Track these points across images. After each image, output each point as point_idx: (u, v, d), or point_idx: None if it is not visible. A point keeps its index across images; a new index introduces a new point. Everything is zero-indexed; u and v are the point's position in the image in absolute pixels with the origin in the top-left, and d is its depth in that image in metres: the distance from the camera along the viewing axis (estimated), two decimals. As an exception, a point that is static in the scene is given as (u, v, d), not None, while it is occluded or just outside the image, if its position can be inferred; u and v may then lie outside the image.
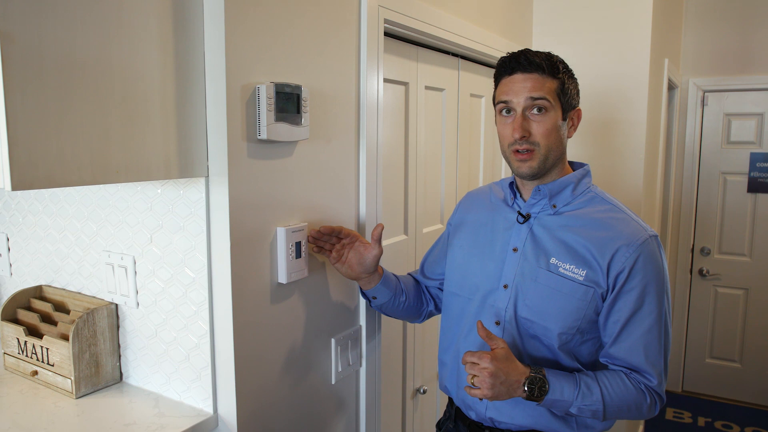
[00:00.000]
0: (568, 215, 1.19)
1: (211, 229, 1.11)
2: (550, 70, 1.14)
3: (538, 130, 1.13)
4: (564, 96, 1.15)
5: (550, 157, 1.16)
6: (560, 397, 1.09)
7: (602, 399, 1.10)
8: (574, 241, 1.15)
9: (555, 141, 1.15)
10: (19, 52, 0.79)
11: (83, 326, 1.24)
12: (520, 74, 1.14)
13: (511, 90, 1.15)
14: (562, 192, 1.20)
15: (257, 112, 1.10)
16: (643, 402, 1.14)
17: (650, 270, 1.12)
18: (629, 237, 1.12)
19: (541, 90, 1.12)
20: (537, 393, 1.08)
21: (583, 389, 1.10)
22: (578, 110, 1.21)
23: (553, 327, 1.15)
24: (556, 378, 1.10)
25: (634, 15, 2.36)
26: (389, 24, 1.50)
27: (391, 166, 1.70)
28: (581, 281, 1.13)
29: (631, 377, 1.14)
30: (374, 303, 1.39)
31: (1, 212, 1.54)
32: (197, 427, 1.13)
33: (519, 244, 1.21)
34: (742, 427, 3.40)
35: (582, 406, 1.10)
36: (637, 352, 1.13)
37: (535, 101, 1.13)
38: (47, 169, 0.84)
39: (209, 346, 1.15)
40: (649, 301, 1.12)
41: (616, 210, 1.18)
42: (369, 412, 1.54)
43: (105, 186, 1.27)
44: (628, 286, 1.12)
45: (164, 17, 1.00)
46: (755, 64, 3.43)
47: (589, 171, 1.25)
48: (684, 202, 3.74)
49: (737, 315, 3.68)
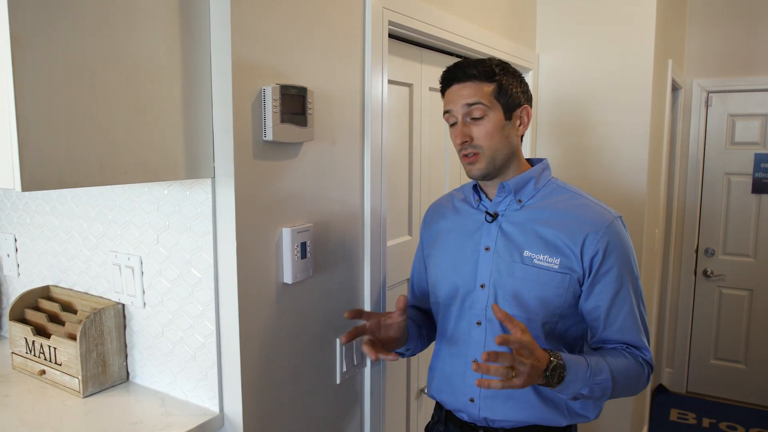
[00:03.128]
0: (533, 208, 1.22)
1: (218, 229, 1.12)
2: (484, 76, 1.18)
3: (478, 133, 1.18)
4: (504, 97, 1.19)
5: (497, 158, 1.20)
6: (575, 378, 1.08)
7: (611, 375, 1.12)
8: (545, 232, 1.18)
9: (499, 142, 1.19)
10: (29, 55, 0.80)
11: (90, 326, 1.25)
12: (456, 84, 1.20)
13: (450, 100, 1.21)
14: (526, 186, 1.23)
15: (263, 113, 1.11)
16: (642, 374, 1.18)
17: (621, 250, 1.18)
18: (597, 221, 1.17)
19: (476, 95, 1.17)
20: (556, 380, 1.07)
21: (593, 366, 1.11)
22: (525, 107, 1.23)
23: (536, 318, 1.17)
24: (570, 361, 1.09)
25: (637, 16, 2.36)
26: (393, 26, 1.51)
27: (395, 167, 1.71)
28: (557, 269, 1.16)
29: (629, 351, 1.18)
30: (407, 354, 1.40)
31: (9, 213, 1.55)
32: (203, 426, 1.14)
33: (490, 242, 1.23)
34: (747, 428, 3.39)
35: (594, 385, 1.10)
36: (629, 329, 1.18)
37: (471, 107, 1.18)
38: (57, 170, 0.85)
39: (215, 346, 1.16)
40: (626, 279, 1.18)
41: (578, 197, 1.23)
42: (374, 412, 1.55)
43: (112, 187, 1.29)
44: (605, 267, 1.16)
45: (172, 20, 1.01)
46: (759, 65, 3.42)
47: (548, 165, 1.29)
48: (688, 203, 3.73)
49: (742, 316, 3.67)
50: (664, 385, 3.93)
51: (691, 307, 3.81)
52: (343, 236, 1.40)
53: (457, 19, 1.82)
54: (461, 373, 1.26)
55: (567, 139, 2.55)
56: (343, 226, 1.39)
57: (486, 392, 1.23)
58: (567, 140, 2.55)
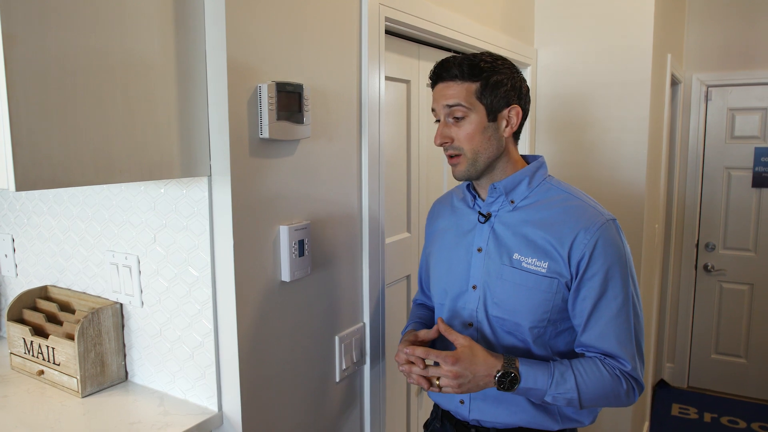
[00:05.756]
0: (526, 209, 1.19)
1: (215, 227, 1.11)
2: (468, 74, 1.14)
3: (458, 135, 1.16)
4: (488, 97, 1.15)
5: (479, 160, 1.17)
6: (533, 385, 1.10)
7: (576, 387, 1.10)
8: (534, 235, 1.16)
9: (480, 143, 1.16)
10: (21, 54, 0.80)
11: (88, 326, 1.24)
12: (441, 83, 1.18)
13: (435, 99, 1.19)
14: (518, 187, 1.20)
15: (259, 111, 1.10)
16: (619, 388, 1.12)
17: (610, 254, 1.12)
18: (586, 223, 1.13)
19: (456, 97, 1.14)
20: (508, 386, 1.09)
21: (557, 377, 1.10)
22: (514, 107, 1.17)
23: (524, 322, 1.16)
24: (529, 367, 1.10)
25: (636, 10, 2.35)
26: (390, 22, 1.50)
27: (393, 163, 1.70)
28: (544, 273, 1.14)
29: (606, 363, 1.13)
30: None
31: (6, 213, 1.55)
32: (202, 425, 1.14)
33: (483, 243, 1.22)
34: (749, 422, 3.39)
35: (556, 395, 1.10)
36: (607, 337, 1.13)
37: (451, 108, 1.16)
38: (51, 169, 0.85)
39: (213, 345, 1.15)
40: (613, 285, 1.12)
41: (572, 198, 1.19)
42: (373, 410, 1.54)
43: (108, 186, 1.28)
44: (590, 272, 1.12)
45: (166, 17, 1.00)
46: (759, 59, 3.41)
47: (544, 163, 1.25)
48: (688, 197, 3.73)
49: (742, 310, 3.67)
50: (665, 379, 3.93)
51: (692, 302, 3.81)
52: (341, 234, 1.39)
53: (454, 14, 1.81)
54: None
55: (566, 135, 2.55)
56: (341, 224, 1.39)
57: (475, 395, 1.22)
58: (566, 136, 2.55)
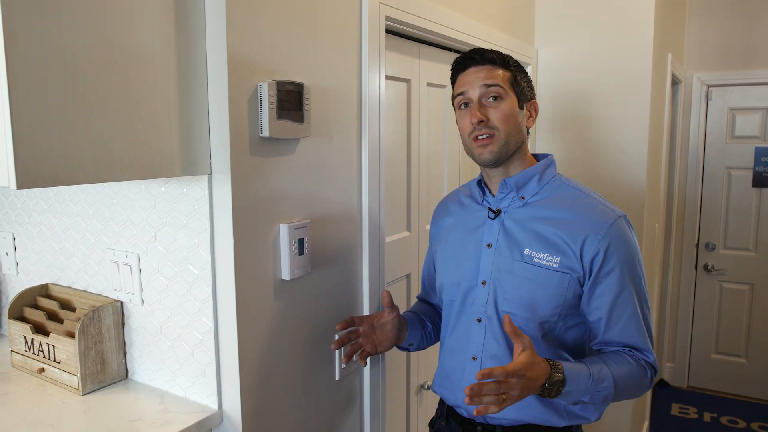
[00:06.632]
0: (536, 205, 1.20)
1: (215, 226, 1.12)
2: (501, 63, 1.19)
3: (495, 115, 1.17)
4: (517, 87, 1.20)
5: (510, 143, 1.18)
6: (575, 389, 1.07)
7: (614, 382, 1.10)
8: (546, 230, 1.17)
9: (513, 127, 1.18)
10: (23, 51, 0.80)
11: (89, 324, 1.25)
12: (474, 67, 1.20)
13: (466, 82, 1.20)
14: (528, 183, 1.22)
15: (259, 109, 1.11)
16: (644, 378, 1.16)
17: (624, 250, 1.15)
18: (599, 220, 1.14)
19: (495, 78, 1.17)
20: (554, 393, 1.05)
21: (596, 376, 1.09)
22: (533, 102, 1.24)
23: (534, 317, 1.16)
24: (571, 372, 1.07)
25: (637, 9, 2.35)
26: (390, 21, 1.50)
27: (393, 162, 1.70)
28: (556, 268, 1.14)
29: (632, 355, 1.16)
30: (412, 348, 1.42)
31: (7, 212, 1.55)
32: (202, 422, 1.14)
33: (492, 239, 1.22)
34: (748, 422, 3.39)
35: (595, 393, 1.09)
36: (630, 332, 1.16)
37: (490, 88, 1.17)
38: (52, 167, 0.85)
39: (213, 343, 1.16)
40: (629, 281, 1.15)
41: (582, 195, 1.20)
42: (373, 408, 1.55)
43: (109, 184, 1.28)
44: (606, 268, 1.13)
45: (166, 15, 1.01)
46: (760, 59, 3.41)
47: (554, 161, 1.27)
48: (688, 197, 3.73)
49: (742, 310, 3.67)
50: (665, 379, 3.93)
51: (692, 302, 3.81)
52: (342, 232, 1.39)
53: (455, 13, 1.81)
54: (460, 369, 1.26)
55: (566, 135, 2.55)
56: (341, 223, 1.39)
57: None
58: (566, 135, 2.55)
